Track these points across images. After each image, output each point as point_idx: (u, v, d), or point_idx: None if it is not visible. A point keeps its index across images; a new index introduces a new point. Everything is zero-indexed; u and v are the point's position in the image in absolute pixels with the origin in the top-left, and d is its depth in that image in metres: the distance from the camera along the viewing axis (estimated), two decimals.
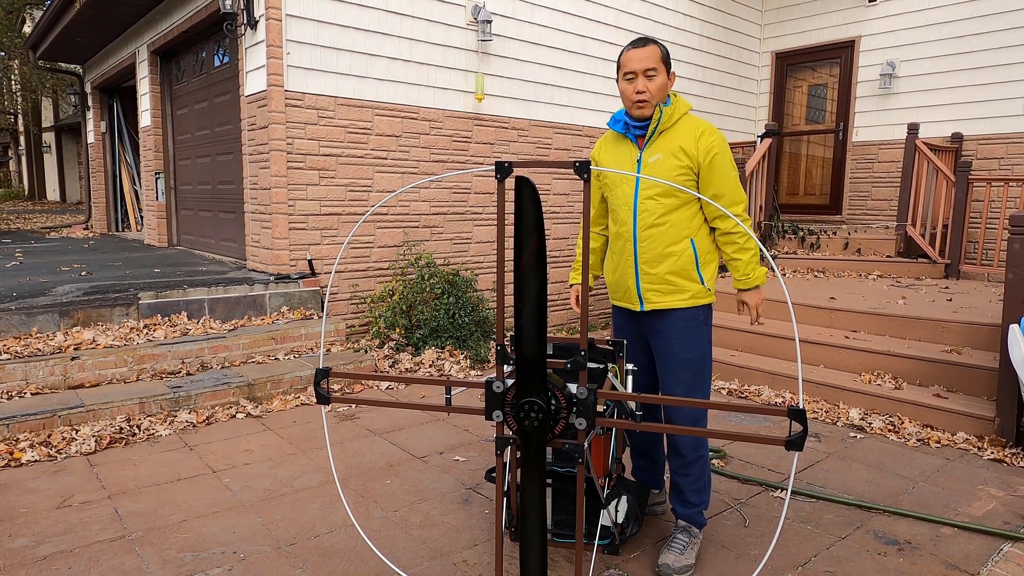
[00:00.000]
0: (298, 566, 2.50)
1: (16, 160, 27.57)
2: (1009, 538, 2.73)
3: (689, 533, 2.56)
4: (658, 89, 2.44)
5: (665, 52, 2.47)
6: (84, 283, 5.12)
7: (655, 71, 2.42)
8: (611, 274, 2.69)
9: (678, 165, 2.46)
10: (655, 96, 2.44)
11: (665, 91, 2.48)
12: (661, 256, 2.50)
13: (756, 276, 2.54)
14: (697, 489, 2.58)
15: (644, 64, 2.42)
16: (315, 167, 5.36)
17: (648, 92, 2.43)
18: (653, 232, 2.50)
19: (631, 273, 2.56)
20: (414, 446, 3.72)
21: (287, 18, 5.09)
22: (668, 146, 2.48)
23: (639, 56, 2.43)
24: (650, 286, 2.53)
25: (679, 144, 2.46)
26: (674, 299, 2.52)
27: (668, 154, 2.47)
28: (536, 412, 1.78)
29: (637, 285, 2.56)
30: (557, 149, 6.89)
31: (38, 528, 2.75)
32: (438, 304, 5.45)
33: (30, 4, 18.02)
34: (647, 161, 2.51)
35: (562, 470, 2.59)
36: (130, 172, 10.19)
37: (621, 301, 2.67)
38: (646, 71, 2.42)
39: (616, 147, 2.62)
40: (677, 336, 2.54)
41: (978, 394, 4.08)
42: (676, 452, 2.58)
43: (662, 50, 2.46)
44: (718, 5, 8.22)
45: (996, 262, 6.48)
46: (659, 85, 2.43)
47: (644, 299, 2.56)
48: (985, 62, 7.02)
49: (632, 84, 2.45)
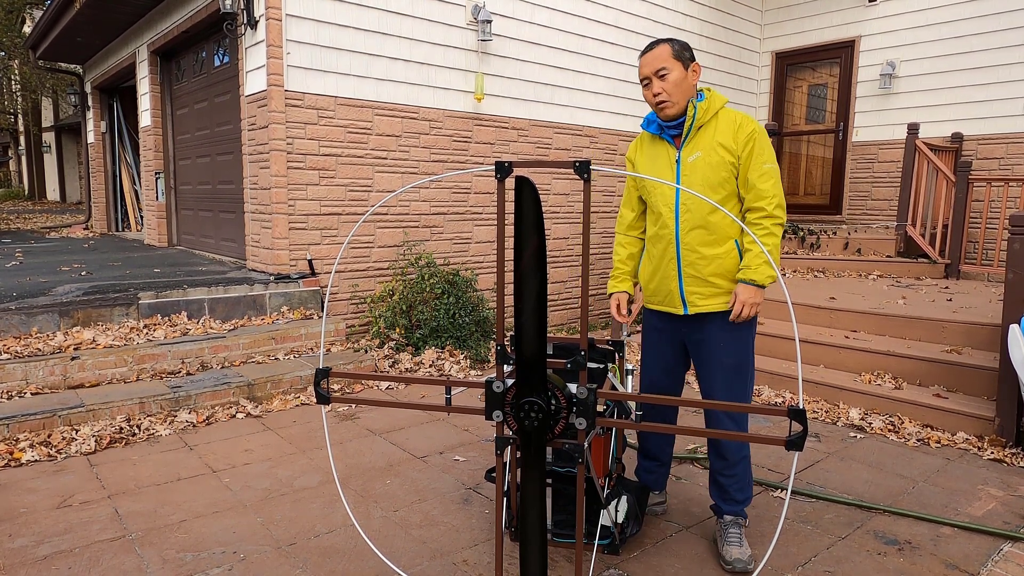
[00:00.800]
0: (298, 566, 2.50)
1: (16, 160, 27.57)
2: (1009, 538, 2.73)
3: (739, 525, 2.59)
4: (675, 86, 2.38)
5: (678, 48, 2.41)
6: (84, 283, 5.12)
7: (666, 69, 2.38)
8: (650, 277, 2.62)
9: (719, 161, 2.40)
10: (674, 94, 2.39)
11: (686, 86, 2.41)
12: (705, 258, 2.44)
13: (758, 272, 2.40)
14: (741, 487, 2.60)
15: (653, 67, 2.39)
16: (315, 167, 5.36)
17: (665, 92, 2.39)
18: (697, 233, 2.44)
19: (674, 276, 2.51)
20: (414, 446, 3.72)
21: (287, 18, 5.09)
22: (707, 142, 2.42)
23: (647, 61, 2.41)
24: (694, 289, 2.47)
25: (718, 140, 2.40)
26: (718, 302, 2.47)
27: (708, 150, 2.41)
28: (536, 412, 1.78)
29: (680, 288, 2.50)
30: (557, 149, 6.89)
31: (38, 528, 2.75)
32: (438, 304, 5.45)
33: (30, 4, 18.03)
34: (686, 160, 2.45)
35: (562, 470, 2.59)
36: (130, 172, 10.19)
37: (660, 305, 2.60)
38: (657, 72, 2.39)
39: (652, 148, 2.56)
40: (721, 340, 2.49)
41: (978, 394, 4.08)
42: (720, 456, 2.58)
43: (673, 47, 2.40)
44: (718, 5, 8.22)
45: (996, 262, 6.48)
46: (674, 81, 2.38)
47: (688, 302, 2.50)
48: (985, 62, 7.02)
49: (649, 89, 2.43)
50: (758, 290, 2.43)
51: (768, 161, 2.39)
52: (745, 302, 2.41)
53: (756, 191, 2.40)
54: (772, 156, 2.41)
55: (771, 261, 2.35)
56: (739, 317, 2.43)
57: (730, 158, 2.38)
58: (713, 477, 2.65)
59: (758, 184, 2.39)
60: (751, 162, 2.39)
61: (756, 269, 2.40)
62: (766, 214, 2.40)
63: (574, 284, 7.28)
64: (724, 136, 2.40)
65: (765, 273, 2.40)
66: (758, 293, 2.43)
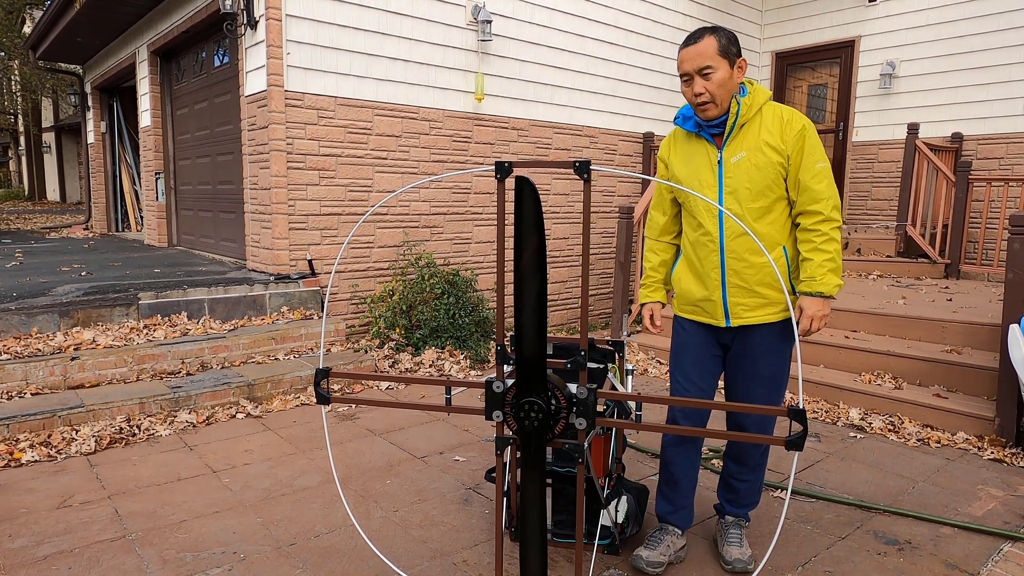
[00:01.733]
0: (298, 566, 2.50)
1: (16, 160, 27.57)
2: (1009, 538, 2.73)
3: (740, 526, 2.57)
4: (719, 86, 2.18)
5: (724, 42, 2.18)
6: (84, 283, 5.12)
7: (711, 68, 2.17)
8: (687, 284, 2.43)
9: (767, 163, 2.21)
10: (718, 94, 2.19)
11: (731, 85, 2.21)
12: (753, 266, 2.26)
13: (824, 282, 2.21)
14: (753, 492, 2.56)
15: (696, 63, 2.18)
16: (315, 167, 5.36)
17: (708, 92, 2.19)
18: (743, 241, 2.25)
19: (717, 286, 2.32)
20: (414, 446, 3.72)
21: (287, 18, 5.09)
22: (752, 141, 2.23)
23: (689, 56, 2.20)
24: (740, 300, 2.30)
25: (764, 139, 2.22)
26: (764, 313, 2.31)
27: (753, 150, 2.23)
28: (536, 412, 1.78)
29: (724, 299, 2.32)
30: (557, 149, 6.89)
31: (38, 528, 2.75)
32: (438, 304, 5.45)
33: (30, 4, 18.03)
34: (729, 161, 2.26)
35: (562, 470, 2.59)
36: (130, 172, 10.19)
37: (698, 315, 2.42)
38: (700, 70, 2.18)
39: (689, 147, 2.37)
40: (763, 352, 2.34)
41: (978, 394, 4.08)
42: (741, 462, 2.51)
43: (719, 40, 2.17)
44: (718, 5, 8.22)
45: (996, 262, 6.48)
46: (719, 82, 2.18)
47: (731, 314, 2.32)
48: (985, 62, 7.02)
49: (690, 87, 2.23)
50: (826, 301, 2.25)
51: (820, 160, 2.23)
52: (814, 316, 2.23)
53: (811, 193, 2.23)
54: (823, 154, 2.25)
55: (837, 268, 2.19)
56: (808, 332, 2.26)
57: (778, 158, 2.21)
58: (725, 480, 2.59)
59: (812, 186, 2.22)
60: (803, 162, 2.22)
61: (822, 280, 2.22)
62: (823, 218, 2.23)
63: (574, 284, 7.28)
64: (771, 134, 2.22)
65: (832, 283, 2.22)
66: (826, 304, 2.25)
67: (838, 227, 2.24)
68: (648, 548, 2.47)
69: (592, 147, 7.19)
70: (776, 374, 2.38)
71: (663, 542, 2.49)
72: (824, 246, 2.22)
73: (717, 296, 2.33)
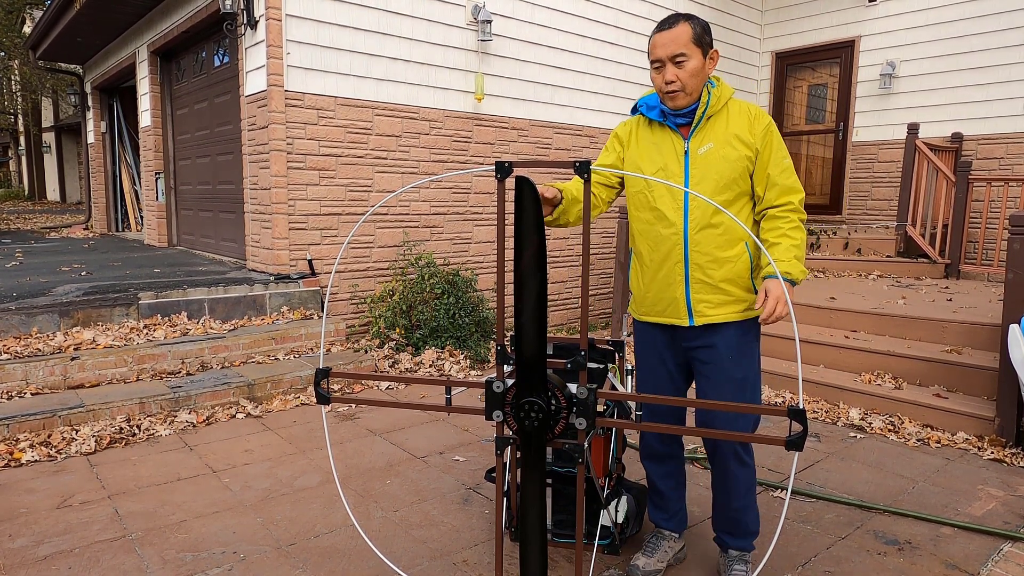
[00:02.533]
0: (298, 566, 2.50)
1: (16, 160, 27.57)
2: (1009, 538, 2.73)
3: (745, 560, 2.41)
4: (691, 75, 2.12)
5: (700, 30, 2.12)
6: (84, 283, 5.12)
7: (684, 56, 2.10)
8: (648, 284, 2.32)
9: (735, 155, 2.16)
10: (689, 83, 2.13)
11: (702, 76, 2.15)
12: (716, 261, 2.19)
13: (791, 265, 2.13)
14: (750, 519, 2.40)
15: (669, 50, 2.11)
16: (315, 167, 5.36)
17: (679, 81, 2.12)
18: (708, 234, 2.18)
19: (680, 282, 2.23)
20: (414, 446, 3.72)
21: (287, 18, 5.09)
22: (720, 134, 2.18)
23: (663, 41, 2.12)
24: (703, 296, 2.22)
25: (733, 131, 2.18)
26: (728, 311, 2.23)
27: (722, 142, 2.17)
28: (536, 412, 1.78)
29: (687, 296, 2.23)
30: (557, 149, 6.89)
31: (38, 528, 2.75)
32: (438, 304, 5.45)
33: (30, 4, 18.03)
34: (696, 152, 2.19)
35: (562, 470, 2.59)
36: (130, 172, 10.19)
37: (659, 316, 2.31)
38: (673, 58, 2.11)
39: (652, 136, 2.28)
40: (730, 353, 2.25)
41: (978, 394, 4.08)
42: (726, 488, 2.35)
43: (694, 28, 2.11)
44: (718, 5, 8.22)
45: (996, 262, 6.48)
46: (692, 71, 2.11)
47: (695, 312, 2.23)
48: (985, 62, 7.02)
49: (660, 73, 2.15)
50: (789, 287, 2.15)
51: (786, 155, 2.21)
52: (779, 298, 2.06)
53: (780, 187, 2.19)
54: (786, 150, 2.22)
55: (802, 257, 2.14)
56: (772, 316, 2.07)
57: (747, 152, 2.17)
58: (718, 510, 2.43)
59: (782, 180, 2.19)
60: (771, 157, 2.18)
61: (789, 262, 2.13)
62: (793, 207, 2.19)
63: (574, 284, 7.28)
64: (739, 128, 2.17)
65: (798, 269, 2.15)
66: (789, 290, 2.15)
67: (804, 220, 2.22)
68: (645, 555, 2.47)
69: (592, 147, 7.19)
70: (748, 377, 2.29)
71: (660, 548, 2.48)
72: (792, 233, 2.17)
73: (680, 293, 2.23)
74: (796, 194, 2.20)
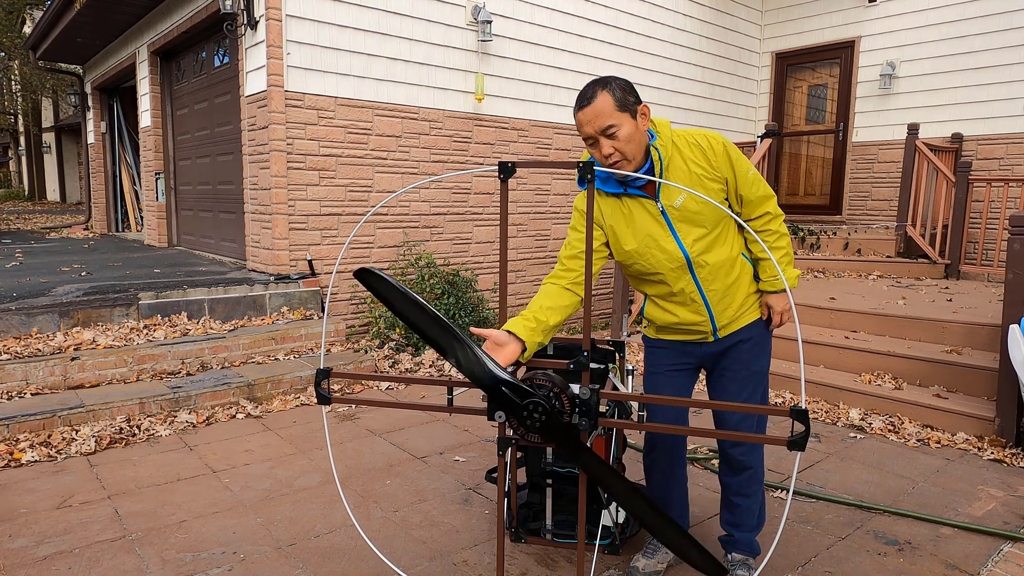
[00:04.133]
0: (298, 566, 2.49)
1: (16, 160, 27.57)
2: (1009, 538, 2.73)
3: (748, 566, 2.38)
4: (627, 142, 2.02)
5: (620, 93, 2.01)
6: (84, 283, 5.12)
7: (614, 126, 2.00)
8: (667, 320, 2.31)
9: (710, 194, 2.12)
10: (627, 150, 2.03)
11: (639, 136, 2.05)
12: (728, 287, 2.23)
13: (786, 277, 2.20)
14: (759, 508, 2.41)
15: (596, 125, 2.01)
16: (315, 167, 5.36)
17: (616, 152, 2.03)
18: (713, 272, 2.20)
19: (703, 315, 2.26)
20: (414, 446, 3.72)
21: (287, 18, 5.09)
22: (684, 179, 2.12)
23: (587, 118, 2.01)
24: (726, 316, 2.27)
25: (695, 172, 2.12)
26: (747, 316, 2.31)
27: (691, 184, 2.11)
28: (539, 412, 1.78)
29: (712, 322, 2.27)
30: (557, 149, 6.89)
31: (38, 528, 2.74)
32: (438, 304, 5.45)
33: (30, 4, 18.04)
34: (672, 208, 2.13)
35: (562, 470, 2.59)
36: (130, 172, 10.19)
37: (681, 335, 2.34)
38: (604, 132, 2.01)
39: (623, 207, 2.19)
40: (752, 349, 2.32)
41: (978, 394, 4.08)
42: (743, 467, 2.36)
43: (614, 94, 2.00)
44: (718, 5, 8.22)
45: (996, 262, 6.48)
46: (626, 137, 2.01)
47: (718, 328, 2.28)
48: (985, 62, 7.02)
49: (597, 149, 2.06)
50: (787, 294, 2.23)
51: (749, 167, 2.19)
52: (784, 311, 2.28)
53: (753, 203, 2.21)
54: (747, 159, 2.20)
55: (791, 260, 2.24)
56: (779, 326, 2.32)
57: (717, 185, 2.14)
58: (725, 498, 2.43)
59: (752, 195, 2.19)
60: (738, 178, 2.16)
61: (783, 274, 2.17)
62: (771, 216, 2.23)
63: None
64: (699, 165, 2.12)
65: (792, 275, 2.25)
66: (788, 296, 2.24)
67: (783, 218, 2.27)
68: (645, 556, 2.47)
69: None
70: (765, 369, 2.39)
71: (660, 548, 2.48)
72: (777, 243, 2.25)
73: (705, 321, 2.25)
74: (769, 200, 2.22)
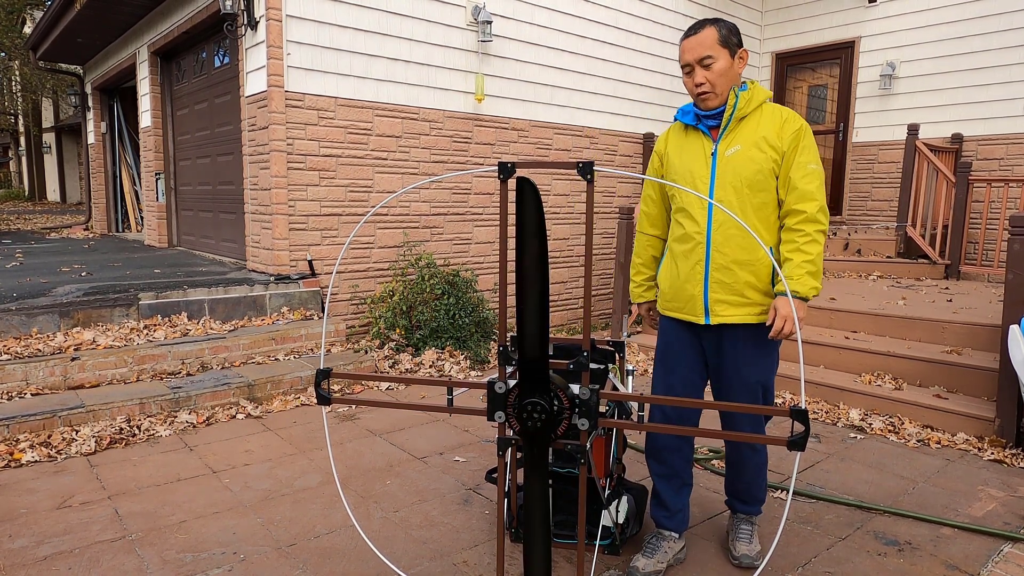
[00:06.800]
0: (298, 566, 2.49)
1: (16, 160, 27.57)
2: (1009, 539, 2.73)
3: (751, 523, 2.60)
4: (719, 76, 2.19)
5: (725, 32, 2.20)
6: (84, 284, 5.12)
7: (711, 58, 2.18)
8: (670, 280, 2.39)
9: (762, 158, 2.19)
10: (718, 84, 2.20)
11: (732, 75, 2.21)
12: (737, 263, 2.22)
13: (800, 283, 2.15)
14: (758, 488, 2.56)
15: (696, 53, 2.19)
16: (315, 168, 5.36)
17: (708, 82, 2.20)
18: (730, 236, 2.22)
19: (699, 280, 2.28)
20: (414, 447, 3.72)
21: (287, 19, 5.09)
22: (749, 136, 2.22)
23: (690, 46, 2.21)
24: (720, 296, 2.26)
25: (761, 134, 2.21)
26: (744, 312, 2.25)
27: (749, 145, 2.20)
28: (539, 413, 1.78)
29: (705, 294, 2.28)
30: (557, 150, 6.89)
31: (38, 528, 2.74)
32: (438, 305, 5.45)
33: (30, 4, 18.03)
34: (724, 154, 2.24)
35: (563, 471, 2.59)
36: (130, 172, 10.19)
37: (678, 312, 2.38)
38: (701, 60, 2.19)
39: (685, 140, 2.35)
40: (747, 357, 2.29)
41: (978, 395, 4.08)
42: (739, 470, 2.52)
43: (720, 31, 2.19)
44: (718, 6, 8.22)
45: (996, 263, 6.48)
46: (720, 71, 2.19)
47: (711, 311, 2.28)
48: (985, 62, 7.03)
49: (691, 77, 2.24)
50: (800, 304, 2.18)
51: (813, 161, 2.20)
52: (787, 316, 2.12)
53: (798, 192, 2.18)
54: (818, 157, 2.22)
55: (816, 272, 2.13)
56: (779, 334, 2.15)
57: (774, 155, 2.19)
58: (730, 482, 2.62)
59: (800, 184, 2.18)
60: (795, 160, 2.19)
61: (799, 280, 2.15)
62: (808, 218, 2.17)
63: (574, 285, 7.28)
64: (768, 131, 2.20)
65: (809, 285, 2.15)
66: (801, 307, 2.18)
67: (822, 230, 2.20)
68: (645, 556, 2.47)
69: (592, 148, 7.19)
70: (763, 382, 2.34)
71: (660, 548, 2.49)
72: (806, 247, 2.18)
73: (698, 291, 2.29)
74: (813, 202, 2.19)
